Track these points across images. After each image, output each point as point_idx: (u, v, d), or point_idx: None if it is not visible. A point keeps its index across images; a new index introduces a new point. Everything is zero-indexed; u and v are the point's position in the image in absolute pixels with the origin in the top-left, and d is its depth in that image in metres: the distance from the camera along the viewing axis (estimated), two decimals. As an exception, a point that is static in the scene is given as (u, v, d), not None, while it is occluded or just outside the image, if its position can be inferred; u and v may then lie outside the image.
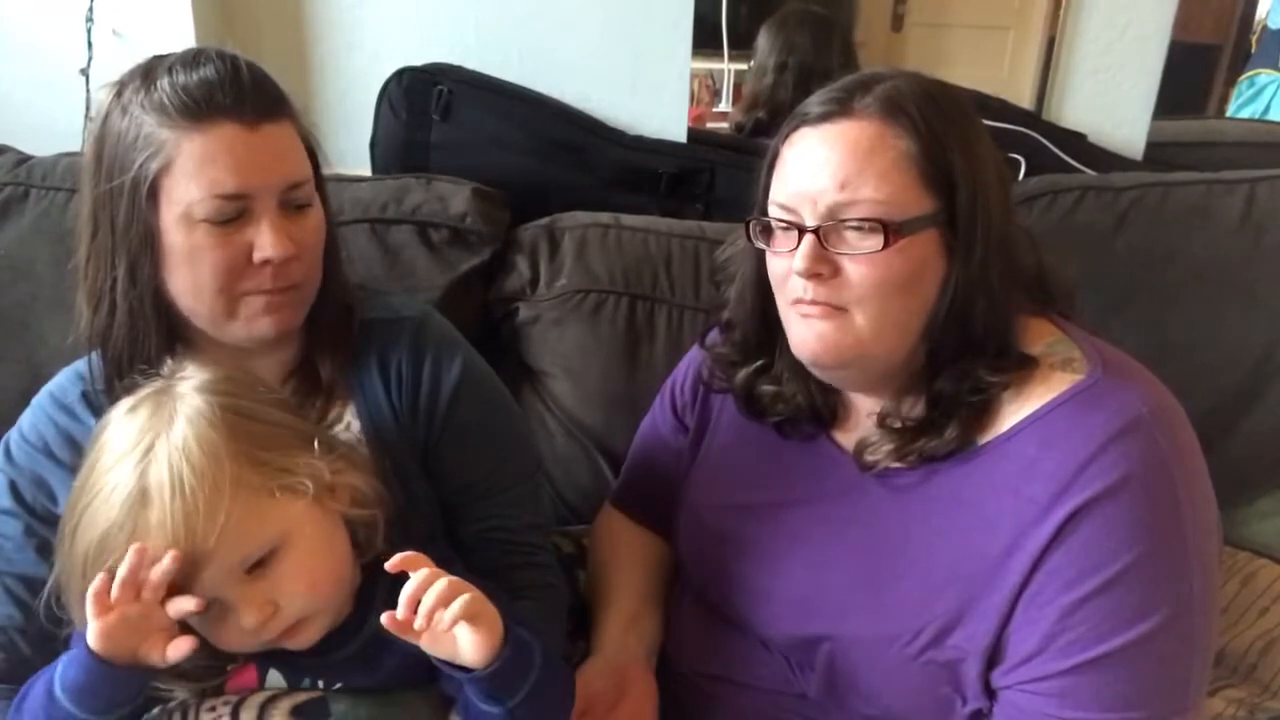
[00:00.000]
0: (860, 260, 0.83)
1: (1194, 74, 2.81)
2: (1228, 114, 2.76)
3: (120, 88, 0.87)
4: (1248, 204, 1.37)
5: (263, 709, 0.79)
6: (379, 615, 0.76)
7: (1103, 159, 1.55)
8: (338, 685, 0.83)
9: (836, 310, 0.86)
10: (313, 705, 0.81)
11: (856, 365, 0.89)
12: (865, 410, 0.96)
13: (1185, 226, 1.37)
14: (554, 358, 1.36)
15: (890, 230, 0.82)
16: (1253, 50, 2.81)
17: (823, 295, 0.85)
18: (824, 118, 0.86)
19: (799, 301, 0.87)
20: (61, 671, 0.77)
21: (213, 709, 0.80)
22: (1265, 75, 2.68)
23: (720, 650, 1.01)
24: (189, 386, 0.80)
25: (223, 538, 0.75)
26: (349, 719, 0.80)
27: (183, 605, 0.74)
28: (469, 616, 0.75)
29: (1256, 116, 2.64)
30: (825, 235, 0.84)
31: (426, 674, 0.85)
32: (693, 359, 1.14)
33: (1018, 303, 0.90)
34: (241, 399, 0.81)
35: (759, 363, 1.00)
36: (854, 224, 0.83)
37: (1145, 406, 0.81)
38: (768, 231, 0.90)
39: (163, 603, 0.74)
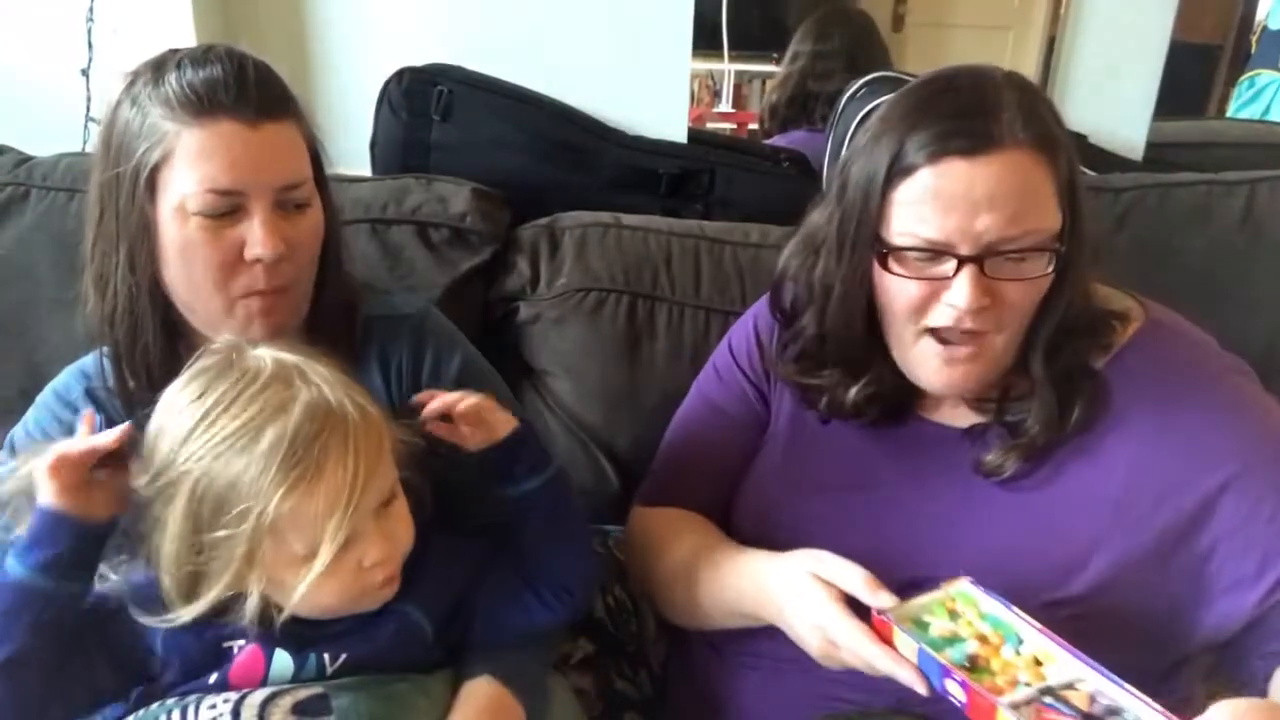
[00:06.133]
0: (1023, 284, 0.83)
1: (1194, 74, 2.81)
2: (1228, 114, 2.76)
3: (133, 78, 0.89)
4: (1248, 204, 1.37)
5: (263, 706, 0.79)
6: None
7: (1102, 160, 1.55)
8: (342, 657, 0.83)
9: (977, 338, 0.85)
10: (314, 702, 0.80)
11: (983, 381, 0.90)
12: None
13: (1185, 227, 1.37)
14: (554, 357, 1.36)
15: (1057, 253, 0.82)
16: (1253, 51, 2.81)
17: (978, 324, 0.83)
18: (973, 150, 0.81)
19: (938, 334, 0.85)
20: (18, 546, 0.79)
21: (213, 706, 0.79)
22: (1265, 76, 2.68)
23: (765, 628, 0.95)
24: (269, 352, 0.80)
25: (382, 467, 0.80)
26: (350, 714, 0.80)
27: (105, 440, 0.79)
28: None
29: (1256, 117, 2.64)
30: (985, 263, 0.82)
31: (422, 648, 0.86)
32: (746, 333, 1.11)
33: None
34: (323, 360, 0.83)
35: (862, 378, 0.95)
36: (1019, 253, 0.82)
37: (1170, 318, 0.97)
38: (897, 257, 0.84)
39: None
